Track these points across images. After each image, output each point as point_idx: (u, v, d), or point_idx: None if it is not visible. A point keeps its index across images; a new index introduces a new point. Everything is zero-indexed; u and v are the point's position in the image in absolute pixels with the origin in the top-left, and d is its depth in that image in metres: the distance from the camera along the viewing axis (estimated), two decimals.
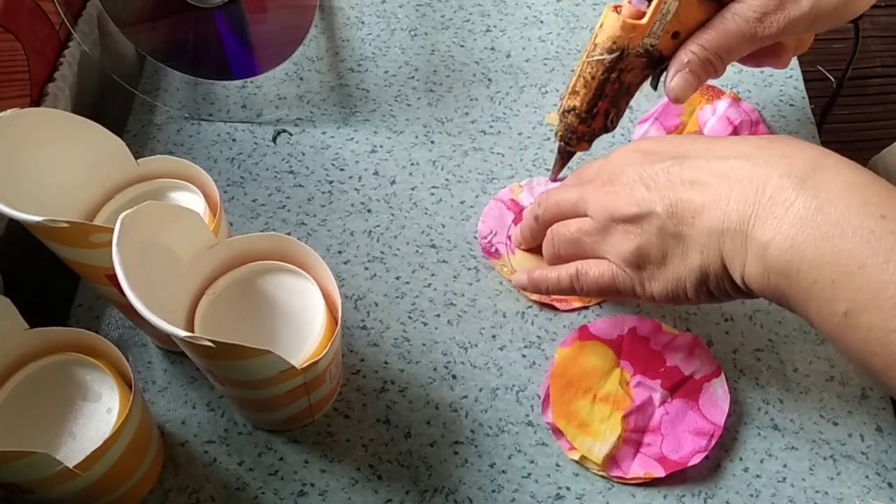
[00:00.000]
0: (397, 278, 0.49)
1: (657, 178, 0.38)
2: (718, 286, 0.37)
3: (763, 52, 0.44)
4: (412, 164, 0.55)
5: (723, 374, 0.44)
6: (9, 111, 0.37)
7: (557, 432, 0.43)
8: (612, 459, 0.42)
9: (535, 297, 0.48)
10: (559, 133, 0.46)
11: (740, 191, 0.35)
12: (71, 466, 0.34)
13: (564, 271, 0.43)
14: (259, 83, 0.59)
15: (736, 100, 0.56)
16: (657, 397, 0.44)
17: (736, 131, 0.54)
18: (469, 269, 0.50)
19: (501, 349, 0.47)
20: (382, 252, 0.51)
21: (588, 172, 0.44)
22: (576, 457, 0.43)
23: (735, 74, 0.59)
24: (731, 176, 0.36)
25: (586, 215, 0.42)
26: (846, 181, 0.33)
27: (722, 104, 0.55)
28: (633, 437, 0.43)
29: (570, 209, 0.43)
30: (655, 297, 0.40)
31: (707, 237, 0.36)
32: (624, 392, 0.44)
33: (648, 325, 0.47)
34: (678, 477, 0.42)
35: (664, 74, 0.44)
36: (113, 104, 0.59)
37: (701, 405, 0.44)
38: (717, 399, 0.44)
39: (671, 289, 0.39)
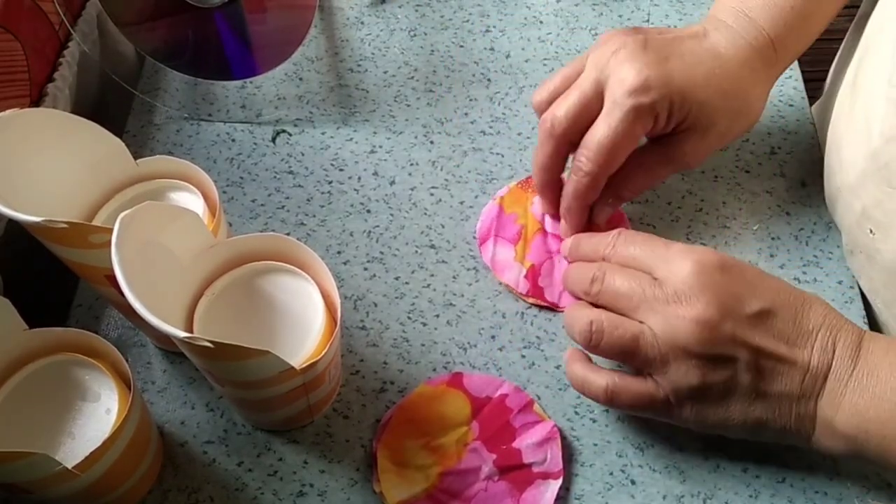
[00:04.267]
0: (396, 279, 0.49)
1: (740, 320, 0.37)
2: (768, 436, 0.38)
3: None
4: (411, 165, 0.55)
5: (561, 480, 0.41)
6: (8, 111, 0.37)
7: (374, 460, 0.42)
8: None
9: (531, 299, 0.48)
10: None
11: (816, 361, 0.37)
12: (70, 467, 0.34)
13: (602, 383, 0.39)
14: (258, 83, 0.59)
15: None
16: (485, 470, 0.41)
17: None
18: (468, 269, 0.50)
19: (501, 349, 0.47)
20: (382, 252, 0.51)
21: (649, 264, 0.40)
22: (377, 489, 0.41)
23: None
24: (808, 345, 0.37)
25: (636, 316, 0.38)
26: (882, 346, 0.37)
27: None
28: (440, 498, 0.41)
29: (628, 305, 0.39)
30: (693, 426, 0.39)
31: (779, 398, 0.37)
32: (455, 451, 0.42)
33: (522, 398, 0.44)
34: (677, 477, 0.42)
35: None
36: (112, 104, 0.59)
37: (523, 499, 0.41)
38: (541, 501, 0.41)
39: (717, 426, 0.39)
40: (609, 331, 0.38)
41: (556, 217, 0.49)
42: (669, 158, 0.46)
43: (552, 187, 0.48)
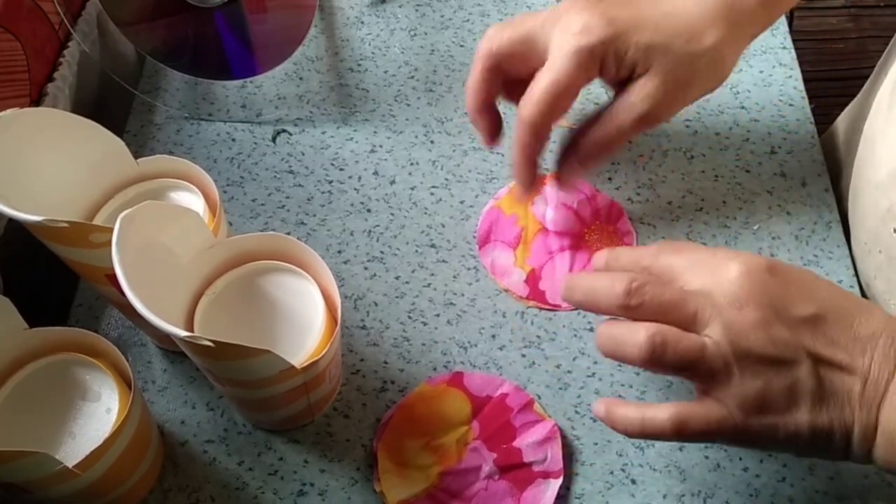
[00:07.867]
0: (397, 278, 0.49)
1: (793, 324, 0.35)
2: (835, 448, 0.36)
3: None
4: (412, 164, 0.55)
5: (561, 479, 0.41)
6: (8, 111, 0.37)
7: (374, 459, 0.42)
8: None
9: (532, 303, 0.48)
10: None
11: (877, 369, 0.35)
12: (70, 466, 0.34)
13: (665, 416, 0.36)
14: (259, 83, 0.59)
15: None
16: (486, 469, 0.41)
17: (578, 215, 0.50)
18: (469, 268, 0.50)
19: (501, 349, 0.47)
20: (382, 252, 0.51)
21: (692, 273, 0.38)
22: (378, 489, 0.41)
23: (735, 74, 0.58)
24: (867, 352, 0.35)
25: (693, 327, 0.36)
26: None
27: (550, 190, 0.51)
28: (440, 497, 0.41)
29: (680, 316, 0.36)
30: (762, 445, 0.37)
31: (842, 405, 0.35)
32: (456, 450, 0.42)
33: (523, 398, 0.44)
34: (677, 476, 0.42)
35: None
36: (113, 104, 0.59)
37: (523, 498, 0.41)
38: (542, 500, 0.41)
39: (788, 440, 0.36)
40: (673, 343, 0.35)
41: (489, 137, 0.47)
42: (630, 106, 0.42)
43: (483, 113, 0.46)
